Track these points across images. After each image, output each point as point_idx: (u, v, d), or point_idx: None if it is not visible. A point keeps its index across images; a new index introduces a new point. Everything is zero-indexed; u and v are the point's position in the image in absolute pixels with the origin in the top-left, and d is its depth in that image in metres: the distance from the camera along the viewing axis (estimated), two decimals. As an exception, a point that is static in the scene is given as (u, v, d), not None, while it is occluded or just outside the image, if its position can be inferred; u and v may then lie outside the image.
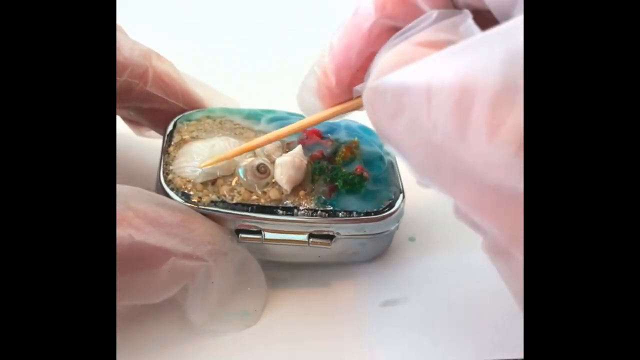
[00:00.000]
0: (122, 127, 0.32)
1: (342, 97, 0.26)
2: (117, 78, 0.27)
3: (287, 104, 0.30)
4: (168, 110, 0.30)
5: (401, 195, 0.28)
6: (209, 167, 0.26)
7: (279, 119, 0.30)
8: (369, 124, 0.28)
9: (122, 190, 0.24)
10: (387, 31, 0.24)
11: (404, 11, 0.23)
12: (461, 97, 0.18)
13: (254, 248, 0.27)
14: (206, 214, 0.26)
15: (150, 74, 0.28)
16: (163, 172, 0.27)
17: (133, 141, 0.33)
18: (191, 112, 0.30)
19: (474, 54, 0.18)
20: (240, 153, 0.27)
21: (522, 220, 0.19)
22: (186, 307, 0.26)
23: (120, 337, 0.21)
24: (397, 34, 0.22)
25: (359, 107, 0.25)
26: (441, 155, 0.19)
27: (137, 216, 0.24)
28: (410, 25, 0.22)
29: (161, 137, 0.30)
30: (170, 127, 0.29)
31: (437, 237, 0.31)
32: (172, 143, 0.28)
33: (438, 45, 0.20)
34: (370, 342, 0.26)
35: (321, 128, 0.30)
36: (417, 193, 0.28)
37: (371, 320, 0.27)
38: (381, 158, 0.29)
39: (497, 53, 0.18)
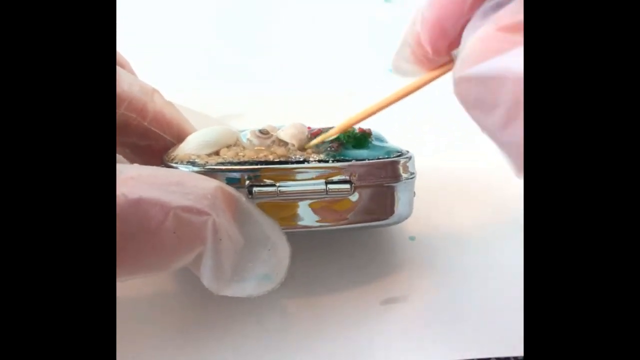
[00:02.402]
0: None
1: (440, 61, 0.25)
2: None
3: (298, 114, 0.31)
4: (165, 148, 0.30)
5: (408, 152, 0.28)
6: (212, 139, 0.26)
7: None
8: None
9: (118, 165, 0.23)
10: None
11: None
12: None
13: (271, 211, 0.25)
14: (214, 177, 0.25)
15: (149, 110, 0.29)
16: (166, 158, 0.26)
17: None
18: None
19: None
20: (347, 126, 0.27)
21: None
22: (200, 274, 0.23)
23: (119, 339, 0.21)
24: (486, 2, 0.22)
25: None
26: None
27: (131, 178, 0.22)
28: None
29: None
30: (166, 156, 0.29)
31: (438, 236, 0.31)
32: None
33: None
34: (370, 340, 0.26)
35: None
36: (417, 193, 0.28)
37: (371, 318, 0.27)
38: (381, 137, 0.29)
39: None
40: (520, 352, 0.25)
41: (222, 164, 0.25)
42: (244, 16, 0.52)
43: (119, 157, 0.31)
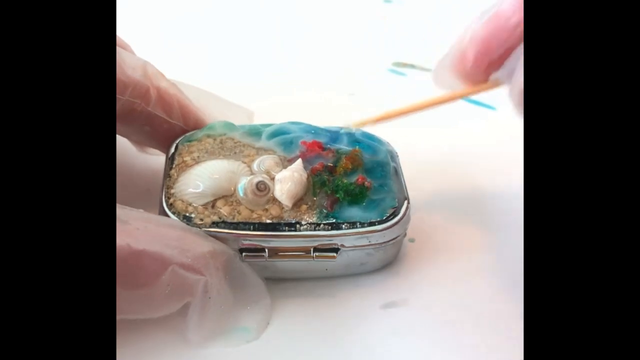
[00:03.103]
0: (124, 145, 0.32)
1: (475, 78, 0.27)
2: (119, 97, 0.27)
3: (299, 115, 0.31)
4: (169, 130, 0.30)
5: (405, 201, 0.28)
6: (209, 188, 0.27)
7: (280, 133, 0.30)
8: (372, 130, 0.30)
9: (123, 210, 0.24)
10: None
11: None
12: None
13: (260, 266, 0.27)
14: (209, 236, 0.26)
15: (152, 94, 0.28)
16: (165, 196, 0.27)
17: (136, 159, 0.33)
18: (192, 132, 0.30)
19: None
20: (396, 115, 0.29)
21: None
22: (185, 325, 0.25)
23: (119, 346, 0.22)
24: None
25: (491, 88, 0.28)
26: None
27: (136, 229, 0.24)
28: None
29: (163, 153, 0.30)
30: (172, 150, 0.29)
31: (437, 238, 0.31)
32: (174, 165, 0.28)
33: None
34: (370, 344, 0.26)
35: (322, 139, 0.30)
36: (417, 195, 0.28)
37: (371, 322, 0.27)
38: (384, 165, 0.29)
39: None
40: (520, 356, 0.25)
41: (217, 224, 0.26)
42: (245, 16, 0.49)
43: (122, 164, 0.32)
